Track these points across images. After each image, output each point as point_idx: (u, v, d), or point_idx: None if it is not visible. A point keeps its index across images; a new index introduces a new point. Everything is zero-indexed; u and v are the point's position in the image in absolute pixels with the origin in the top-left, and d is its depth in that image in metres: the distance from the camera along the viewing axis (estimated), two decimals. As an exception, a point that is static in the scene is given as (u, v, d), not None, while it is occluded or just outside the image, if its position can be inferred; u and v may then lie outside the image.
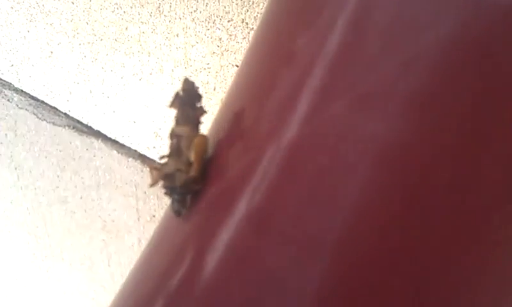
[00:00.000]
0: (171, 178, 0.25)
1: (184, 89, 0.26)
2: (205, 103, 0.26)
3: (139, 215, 0.75)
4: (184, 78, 0.26)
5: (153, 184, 0.26)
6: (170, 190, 0.26)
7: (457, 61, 0.19)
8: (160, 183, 0.26)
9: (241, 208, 0.21)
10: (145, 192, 0.72)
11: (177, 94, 0.26)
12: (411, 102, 0.19)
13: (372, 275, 0.19)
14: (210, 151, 0.26)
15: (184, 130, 0.26)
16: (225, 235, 0.21)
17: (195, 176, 0.25)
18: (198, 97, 0.26)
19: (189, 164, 0.25)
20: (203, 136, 0.26)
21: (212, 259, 0.21)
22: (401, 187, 0.19)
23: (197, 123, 0.26)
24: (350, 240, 0.19)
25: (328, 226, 0.19)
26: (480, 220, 0.19)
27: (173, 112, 0.26)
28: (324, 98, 0.20)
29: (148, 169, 0.69)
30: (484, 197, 0.19)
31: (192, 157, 0.25)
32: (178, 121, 0.26)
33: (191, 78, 0.26)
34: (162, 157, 0.26)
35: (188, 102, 0.26)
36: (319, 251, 0.19)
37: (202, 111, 0.26)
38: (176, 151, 0.25)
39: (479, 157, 0.19)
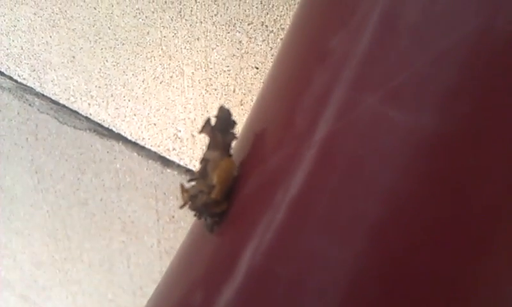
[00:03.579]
0: (194, 199, 0.26)
1: (218, 117, 0.27)
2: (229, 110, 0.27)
3: (159, 216, 0.77)
4: (219, 106, 0.27)
5: (183, 205, 0.27)
6: (198, 212, 0.26)
7: (484, 56, 0.20)
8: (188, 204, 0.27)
9: (281, 196, 0.22)
10: (165, 193, 0.74)
11: (208, 121, 0.27)
12: (442, 95, 0.20)
13: (406, 256, 0.20)
14: (236, 173, 0.26)
15: (212, 154, 0.26)
16: (266, 221, 0.22)
17: (216, 198, 0.25)
18: (232, 124, 0.27)
19: (212, 186, 0.26)
20: (230, 160, 0.26)
21: (254, 243, 0.22)
22: (433, 173, 0.20)
23: (227, 147, 0.27)
24: (384, 224, 0.20)
25: (363, 211, 0.20)
26: (507, 199, 0.20)
27: (194, 116, 0.27)
28: (358, 92, 0.21)
29: (168, 170, 0.71)
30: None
31: (214, 179, 0.26)
32: (209, 146, 0.27)
33: (226, 106, 0.27)
34: (191, 180, 0.27)
35: (221, 128, 0.27)
36: (355, 234, 0.20)
37: (233, 137, 0.27)
38: (203, 173, 0.26)
39: (507, 145, 0.20)
